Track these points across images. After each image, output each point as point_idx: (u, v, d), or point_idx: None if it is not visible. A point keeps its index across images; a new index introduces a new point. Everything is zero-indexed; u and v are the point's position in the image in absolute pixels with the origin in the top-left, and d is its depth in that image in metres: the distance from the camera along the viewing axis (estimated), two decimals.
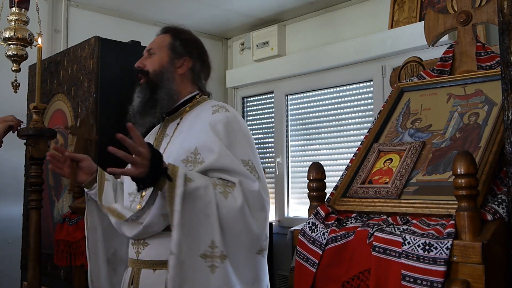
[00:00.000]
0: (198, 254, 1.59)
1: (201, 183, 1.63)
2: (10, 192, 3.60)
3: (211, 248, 1.59)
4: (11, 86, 2.84)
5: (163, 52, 1.93)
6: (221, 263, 1.59)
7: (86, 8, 4.24)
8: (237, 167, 1.69)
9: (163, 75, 1.89)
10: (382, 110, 1.79)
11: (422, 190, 1.42)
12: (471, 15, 1.71)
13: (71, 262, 2.58)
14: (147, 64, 1.92)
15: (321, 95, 4.46)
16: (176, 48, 1.93)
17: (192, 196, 1.60)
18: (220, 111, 1.81)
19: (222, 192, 1.64)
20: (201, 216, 1.61)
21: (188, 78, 1.94)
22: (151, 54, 1.94)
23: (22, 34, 2.76)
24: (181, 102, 1.92)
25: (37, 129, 2.50)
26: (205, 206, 1.61)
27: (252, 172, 1.72)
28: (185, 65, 1.93)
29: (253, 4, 4.35)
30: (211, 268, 1.59)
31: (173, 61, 1.92)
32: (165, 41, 1.95)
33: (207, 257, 1.59)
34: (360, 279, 1.33)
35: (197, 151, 1.73)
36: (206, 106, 1.88)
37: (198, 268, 1.58)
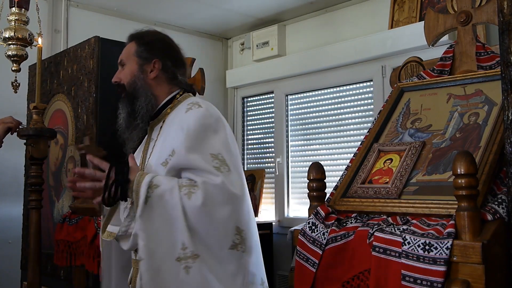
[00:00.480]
0: (173, 259, 1.61)
1: (167, 187, 1.65)
2: (10, 192, 3.60)
3: (182, 250, 1.61)
4: (11, 86, 2.84)
5: (131, 61, 1.91)
6: (193, 263, 1.61)
7: (86, 8, 4.24)
8: (199, 164, 1.68)
9: (136, 84, 1.88)
10: (382, 110, 1.79)
11: (422, 190, 1.42)
12: (471, 15, 1.71)
13: (71, 262, 2.58)
14: (121, 77, 1.93)
15: (321, 95, 4.46)
16: (142, 53, 1.90)
17: (158, 202, 1.64)
18: (193, 108, 1.80)
19: (187, 193, 1.64)
20: (167, 220, 1.63)
21: (163, 80, 1.91)
22: (122, 66, 1.94)
23: (22, 34, 2.76)
24: (162, 105, 1.91)
25: (37, 129, 2.50)
26: (171, 209, 1.63)
27: (221, 165, 1.69)
28: (155, 67, 1.89)
29: (253, 4, 4.35)
30: (186, 269, 1.60)
31: (142, 68, 1.89)
32: (132, 49, 1.93)
33: (181, 260, 1.61)
34: (360, 279, 1.33)
35: (173, 152, 1.73)
36: (182, 106, 1.86)
37: (174, 272, 1.61)
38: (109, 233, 1.81)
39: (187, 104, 1.83)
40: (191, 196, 1.63)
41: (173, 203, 1.63)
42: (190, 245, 1.61)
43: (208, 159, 1.69)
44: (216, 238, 1.65)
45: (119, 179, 1.67)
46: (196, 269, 1.60)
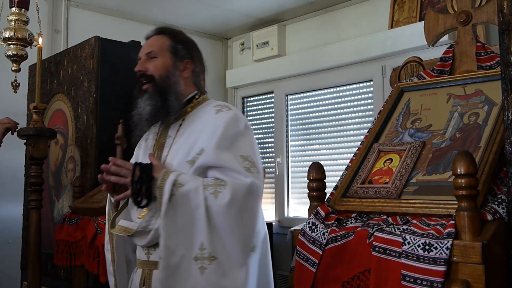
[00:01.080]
0: (191, 257, 1.62)
1: (192, 186, 1.66)
2: (10, 192, 3.60)
3: (200, 250, 1.62)
4: (11, 86, 2.84)
5: (165, 55, 1.89)
6: (209, 264, 1.61)
7: (86, 8, 4.24)
8: (229, 163, 1.69)
9: (170, 80, 1.86)
10: (382, 110, 1.79)
11: (422, 190, 1.42)
12: (471, 15, 1.71)
13: (71, 262, 2.58)
14: (150, 67, 1.88)
15: (321, 95, 4.46)
16: (178, 51, 1.90)
17: (182, 201, 1.64)
18: (223, 110, 1.82)
19: (212, 192, 1.65)
20: (189, 219, 1.64)
21: (190, 80, 1.93)
22: (152, 58, 1.89)
23: (22, 34, 2.76)
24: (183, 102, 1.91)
25: (37, 129, 2.50)
26: (195, 209, 1.64)
27: (251, 167, 1.71)
28: (188, 68, 1.91)
29: (253, 4, 4.35)
30: (201, 269, 1.61)
31: (175, 65, 1.89)
32: (165, 44, 1.91)
33: (198, 259, 1.62)
34: (360, 279, 1.33)
35: (202, 151, 1.74)
36: (208, 107, 1.88)
37: (191, 271, 1.62)
38: (124, 228, 1.80)
39: (213, 106, 1.86)
40: (218, 195, 1.64)
41: (197, 203, 1.64)
42: (209, 246, 1.62)
43: (239, 159, 1.71)
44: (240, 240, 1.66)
45: (143, 176, 1.68)
46: (211, 271, 1.61)
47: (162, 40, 1.92)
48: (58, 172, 3.11)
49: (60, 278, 2.92)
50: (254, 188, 1.68)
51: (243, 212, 1.66)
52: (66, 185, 3.00)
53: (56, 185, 3.11)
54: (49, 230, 3.08)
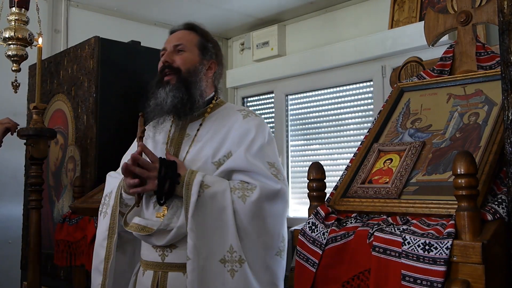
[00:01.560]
0: (217, 259, 1.61)
1: (219, 188, 1.66)
2: (10, 192, 3.60)
3: (229, 253, 1.62)
4: (11, 86, 2.84)
5: (193, 50, 1.88)
6: (240, 267, 1.61)
7: (86, 8, 4.24)
8: (260, 169, 1.71)
9: (196, 75, 1.85)
10: (382, 110, 1.79)
11: (422, 190, 1.42)
12: (471, 15, 1.71)
13: (71, 262, 2.58)
14: (176, 60, 1.85)
15: (321, 95, 4.46)
16: (207, 49, 1.90)
17: (209, 202, 1.63)
18: (251, 116, 1.84)
19: (240, 196, 1.66)
20: (217, 221, 1.63)
21: (211, 81, 1.93)
22: (179, 51, 1.86)
23: (22, 34, 2.76)
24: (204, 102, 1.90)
25: (37, 129, 2.51)
26: (222, 211, 1.63)
27: (278, 173, 1.74)
28: (212, 67, 1.92)
29: (253, 4, 4.35)
30: (231, 272, 1.61)
31: (203, 62, 1.88)
32: (194, 40, 1.89)
33: (226, 262, 1.61)
34: (360, 279, 1.33)
35: (230, 153, 1.75)
36: (231, 110, 1.89)
37: (217, 273, 1.60)
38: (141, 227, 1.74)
39: (237, 110, 1.87)
40: (246, 200, 1.65)
41: (225, 205, 1.64)
42: (238, 249, 1.62)
43: (267, 166, 1.73)
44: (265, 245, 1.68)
45: (169, 173, 1.66)
46: (242, 274, 1.61)
47: (192, 36, 1.91)
48: (58, 172, 3.11)
49: (60, 278, 2.92)
50: (282, 194, 1.71)
51: (270, 216, 1.68)
52: (66, 185, 3.00)
53: (56, 185, 3.11)
54: (49, 230, 3.08)
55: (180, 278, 1.70)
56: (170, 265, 1.73)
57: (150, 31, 4.49)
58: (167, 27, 4.42)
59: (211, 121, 1.87)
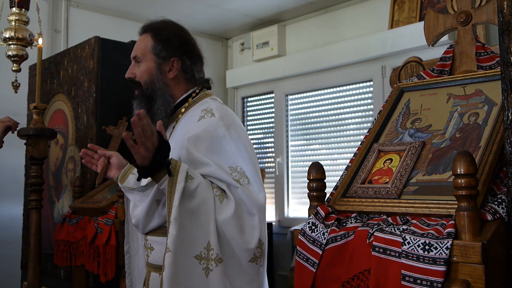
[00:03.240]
0: (193, 255, 1.53)
1: (202, 181, 1.59)
2: (10, 192, 3.60)
3: (206, 250, 1.54)
4: (11, 86, 2.84)
5: (148, 58, 1.81)
6: (215, 267, 1.54)
7: (86, 8, 4.24)
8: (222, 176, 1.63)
9: (154, 85, 1.79)
10: (382, 110, 1.79)
11: (422, 190, 1.42)
12: (471, 15, 1.71)
13: (71, 262, 2.58)
14: (137, 73, 1.82)
15: (321, 95, 4.46)
16: (160, 52, 1.80)
17: (192, 194, 1.56)
18: (206, 117, 1.72)
19: (218, 195, 1.60)
20: (199, 214, 1.56)
21: (181, 79, 1.84)
22: (137, 62, 1.83)
23: (22, 34, 2.76)
24: (177, 103, 1.84)
25: (37, 129, 2.50)
26: (203, 204, 1.57)
27: (241, 178, 1.64)
28: (174, 67, 1.81)
29: (253, 4, 4.35)
30: (205, 270, 1.53)
31: (160, 67, 1.80)
32: (147, 45, 1.83)
33: (202, 259, 1.54)
34: (360, 279, 1.33)
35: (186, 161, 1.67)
36: (197, 111, 1.78)
37: (192, 270, 1.52)
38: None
39: (200, 110, 1.76)
40: (223, 200, 1.60)
41: (206, 199, 1.57)
42: (216, 247, 1.55)
43: (227, 171, 1.64)
44: (241, 247, 1.59)
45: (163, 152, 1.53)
46: (217, 274, 1.54)
47: (146, 41, 1.85)
48: (58, 172, 3.11)
49: (60, 278, 2.92)
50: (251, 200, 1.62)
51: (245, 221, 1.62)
52: (66, 185, 3.00)
53: (56, 185, 3.11)
54: (49, 230, 3.08)
55: (157, 279, 1.67)
56: (151, 266, 1.74)
57: None
58: None
59: (181, 124, 1.81)
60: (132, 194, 1.76)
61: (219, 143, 1.68)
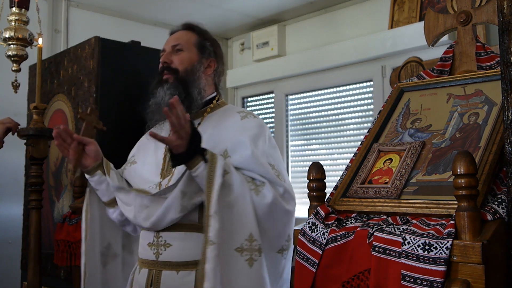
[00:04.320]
0: (233, 248, 1.58)
1: (237, 175, 1.65)
2: (10, 192, 3.60)
3: (249, 242, 1.59)
4: (11, 86, 2.84)
5: (191, 50, 1.89)
6: (259, 257, 1.59)
7: (86, 8, 4.24)
8: (266, 171, 1.71)
9: (194, 74, 1.86)
10: (382, 110, 1.79)
11: (422, 190, 1.42)
12: (471, 15, 1.71)
13: (71, 262, 2.58)
14: (175, 60, 1.87)
15: (321, 95, 4.46)
16: (205, 48, 1.91)
17: (230, 187, 1.61)
18: (249, 117, 1.84)
19: (253, 189, 1.66)
20: (236, 208, 1.61)
21: (211, 79, 1.94)
22: (177, 51, 1.88)
23: (22, 34, 2.75)
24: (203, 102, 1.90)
25: (37, 129, 2.50)
26: (241, 198, 1.62)
27: (278, 175, 1.73)
28: (211, 66, 1.92)
29: (253, 4, 4.35)
30: (249, 261, 1.58)
31: (201, 61, 1.89)
32: (192, 39, 1.91)
33: (244, 250, 1.58)
34: (360, 279, 1.33)
35: (227, 153, 1.74)
36: (230, 111, 1.89)
37: (233, 262, 1.56)
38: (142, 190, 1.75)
39: (237, 112, 1.87)
40: (259, 193, 1.65)
41: (243, 193, 1.62)
42: (259, 237, 1.60)
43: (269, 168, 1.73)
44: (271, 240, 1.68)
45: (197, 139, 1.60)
46: (260, 264, 1.60)
47: (189, 35, 1.93)
48: (58, 172, 3.11)
49: (60, 278, 2.92)
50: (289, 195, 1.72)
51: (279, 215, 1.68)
52: (66, 185, 3.00)
53: (56, 185, 3.11)
54: (49, 230, 3.08)
55: (174, 277, 1.70)
56: (164, 264, 1.73)
57: (150, 31, 4.49)
58: (167, 27, 4.42)
59: (209, 121, 1.86)
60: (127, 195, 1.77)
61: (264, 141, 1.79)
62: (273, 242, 1.70)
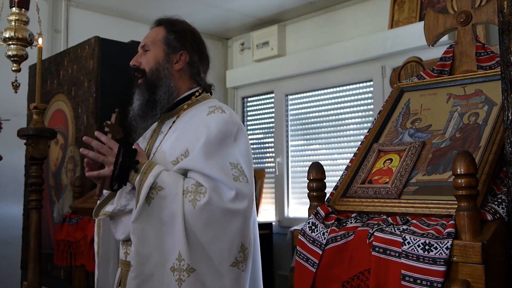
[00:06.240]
0: (168, 267, 1.54)
1: (171, 191, 1.57)
2: (10, 192, 3.61)
3: (178, 261, 1.53)
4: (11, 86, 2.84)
5: (157, 47, 1.83)
6: (187, 277, 1.52)
7: (86, 8, 4.24)
8: (215, 173, 1.59)
9: (159, 73, 1.80)
10: (382, 110, 1.79)
11: (422, 190, 1.42)
12: (471, 15, 1.71)
13: (71, 262, 2.58)
14: (143, 61, 1.83)
15: (321, 95, 4.46)
16: (170, 42, 1.83)
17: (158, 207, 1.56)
18: (216, 112, 1.73)
19: (191, 200, 1.56)
20: (167, 226, 1.55)
21: (186, 73, 1.84)
22: (145, 51, 1.85)
23: (22, 34, 2.75)
24: (179, 99, 1.84)
25: (37, 129, 2.50)
26: (172, 216, 1.55)
27: (240, 175, 1.63)
28: (182, 59, 1.83)
29: (253, 4, 4.35)
30: (178, 282, 1.53)
31: (169, 57, 1.82)
32: (159, 35, 1.86)
33: (175, 270, 1.53)
34: (360, 279, 1.33)
35: (187, 152, 1.67)
36: (203, 107, 1.79)
37: (168, 282, 1.53)
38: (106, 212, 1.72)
39: (208, 107, 1.77)
40: (196, 203, 1.56)
41: (175, 210, 1.55)
42: (187, 257, 1.53)
43: (227, 167, 1.62)
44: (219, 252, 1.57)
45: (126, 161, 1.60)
46: (190, 284, 1.53)
47: (157, 31, 1.88)
48: (58, 172, 3.11)
49: (60, 278, 2.92)
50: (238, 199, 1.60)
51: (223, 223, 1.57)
52: (66, 185, 3.00)
53: (56, 185, 3.11)
54: (49, 230, 3.08)
55: None
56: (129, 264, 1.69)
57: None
58: None
59: (183, 119, 1.80)
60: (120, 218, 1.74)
61: (226, 139, 1.68)
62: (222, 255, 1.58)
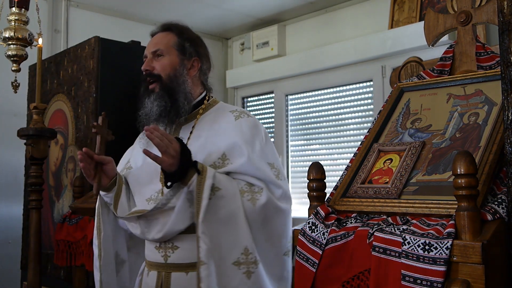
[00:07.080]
0: (230, 262, 1.60)
1: (229, 191, 1.64)
2: (10, 192, 3.60)
3: (244, 255, 1.62)
4: (11, 86, 2.84)
5: (171, 53, 1.83)
6: (256, 268, 1.62)
7: (86, 8, 4.24)
8: (264, 173, 1.70)
9: (178, 79, 1.81)
10: (382, 110, 1.79)
11: (422, 190, 1.42)
12: (471, 15, 1.71)
13: (71, 262, 2.58)
14: (156, 67, 1.82)
15: (321, 95, 4.46)
16: (185, 48, 1.85)
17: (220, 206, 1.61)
18: (243, 117, 1.80)
19: (250, 199, 1.65)
20: (229, 224, 1.62)
21: (197, 79, 1.88)
22: (158, 56, 1.83)
23: (22, 34, 2.75)
24: (193, 104, 1.86)
25: (37, 129, 2.50)
26: (233, 214, 1.62)
27: (279, 174, 1.73)
28: (195, 66, 1.86)
29: (253, 4, 4.35)
30: (247, 274, 1.61)
31: (183, 63, 1.83)
32: (171, 41, 1.85)
33: (241, 264, 1.61)
34: (360, 279, 1.33)
35: (225, 156, 1.72)
36: (222, 111, 1.85)
37: (232, 276, 1.60)
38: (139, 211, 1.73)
39: (229, 111, 1.83)
40: (256, 202, 1.65)
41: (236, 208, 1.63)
42: (254, 250, 1.63)
43: (268, 168, 1.72)
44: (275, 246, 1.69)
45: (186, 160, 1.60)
46: (257, 275, 1.63)
47: (169, 37, 1.86)
48: (58, 172, 3.11)
49: (60, 278, 2.92)
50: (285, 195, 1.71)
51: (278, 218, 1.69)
52: (66, 185, 3.00)
53: (56, 185, 3.11)
54: (49, 230, 3.08)
55: (183, 278, 1.71)
56: (173, 266, 1.73)
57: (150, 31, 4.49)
58: None
59: (203, 124, 1.83)
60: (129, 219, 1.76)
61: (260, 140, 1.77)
62: (278, 246, 1.71)
